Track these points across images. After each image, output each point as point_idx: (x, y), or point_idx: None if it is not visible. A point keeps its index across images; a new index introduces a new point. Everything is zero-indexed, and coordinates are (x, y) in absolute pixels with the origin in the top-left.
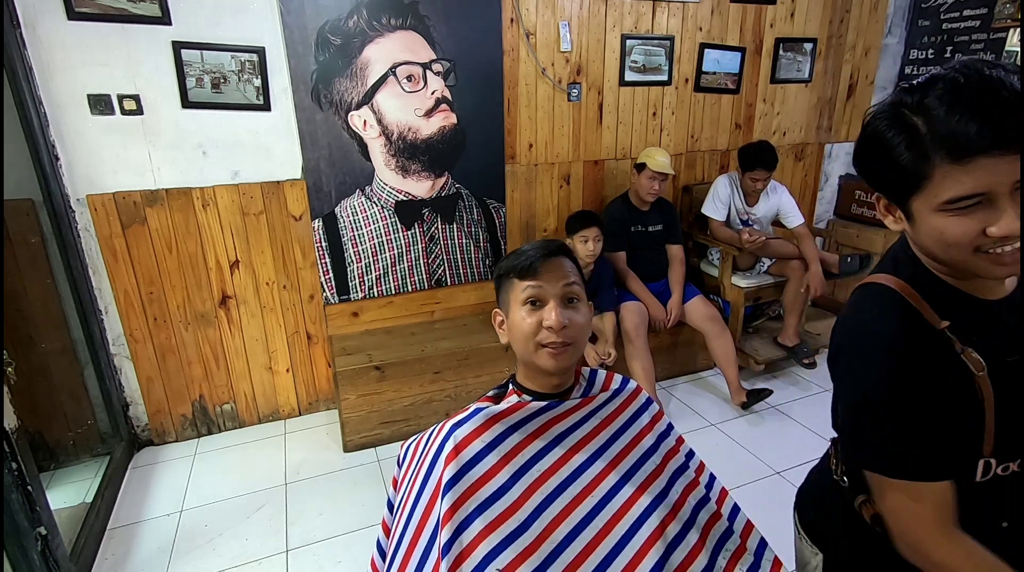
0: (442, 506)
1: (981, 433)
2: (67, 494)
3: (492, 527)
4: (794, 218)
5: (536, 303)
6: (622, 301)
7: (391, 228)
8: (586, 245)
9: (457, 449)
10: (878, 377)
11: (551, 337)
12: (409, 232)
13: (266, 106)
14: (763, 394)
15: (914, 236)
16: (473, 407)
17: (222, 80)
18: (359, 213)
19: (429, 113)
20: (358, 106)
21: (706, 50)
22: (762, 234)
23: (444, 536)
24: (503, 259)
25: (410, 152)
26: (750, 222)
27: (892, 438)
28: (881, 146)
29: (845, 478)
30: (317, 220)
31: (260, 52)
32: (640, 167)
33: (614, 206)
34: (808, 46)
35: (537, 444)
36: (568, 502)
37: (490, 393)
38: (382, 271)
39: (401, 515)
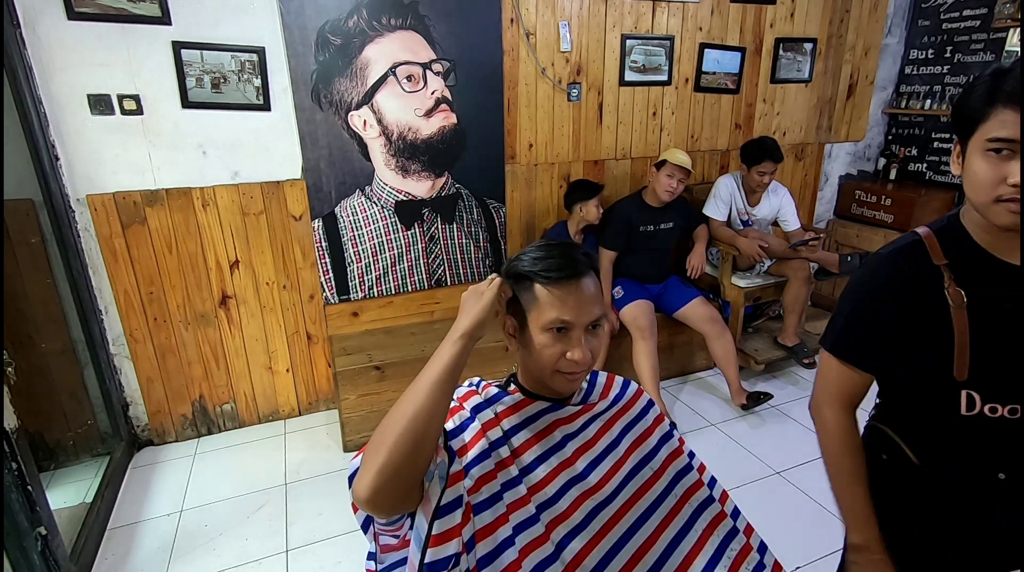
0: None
1: (951, 360)
2: (67, 494)
3: (505, 517)
4: (792, 222)
5: (561, 330)
6: (629, 300)
7: (391, 228)
8: (599, 209)
9: (484, 429)
10: (860, 278)
11: (572, 368)
12: (409, 232)
13: (266, 106)
14: (763, 398)
15: (965, 186)
16: (485, 392)
17: (222, 80)
18: (359, 213)
19: (429, 113)
20: (358, 106)
21: (706, 50)
22: (766, 237)
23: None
24: (517, 259)
25: (410, 152)
26: (750, 222)
27: (843, 322)
28: (967, 91)
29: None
30: (317, 220)
31: (260, 52)
32: (660, 165)
33: (625, 203)
34: (808, 46)
35: (546, 443)
36: (569, 504)
37: (493, 385)
38: (382, 271)
39: None
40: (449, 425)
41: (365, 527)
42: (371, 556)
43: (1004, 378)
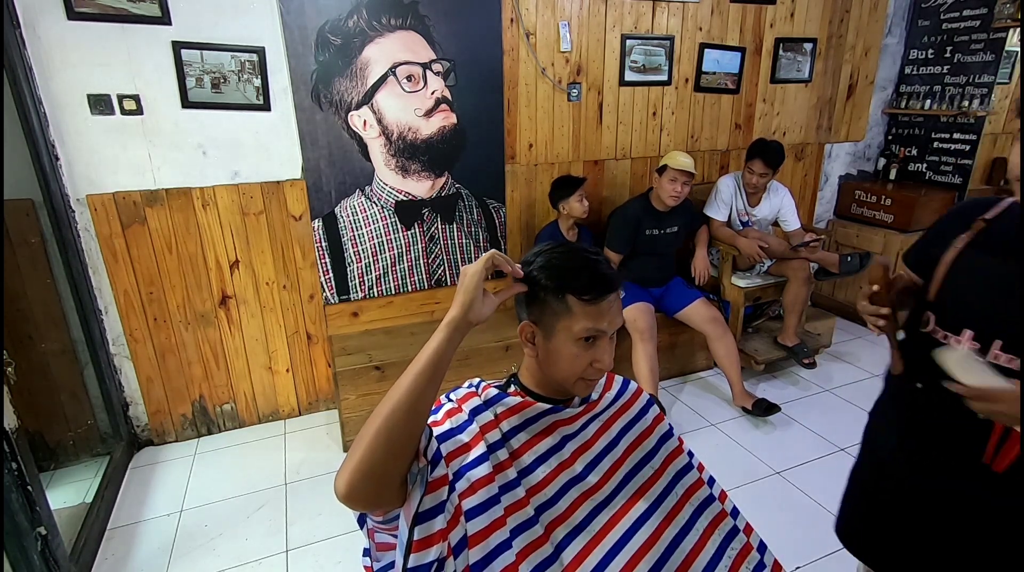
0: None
1: (927, 287)
2: (67, 494)
3: (502, 520)
4: (792, 222)
5: (589, 339)
6: (629, 302)
7: (391, 228)
8: (582, 203)
9: (482, 432)
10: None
11: (598, 375)
12: (409, 232)
13: (266, 106)
14: (772, 410)
15: None
16: (484, 393)
17: (222, 80)
18: (359, 213)
19: (429, 113)
20: (358, 106)
21: (706, 50)
22: (766, 237)
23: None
24: (537, 269)
25: (410, 152)
26: (750, 222)
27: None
28: None
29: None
30: (317, 220)
31: (260, 52)
32: (661, 170)
33: (633, 205)
34: (808, 46)
35: (545, 444)
36: (569, 505)
37: (493, 386)
38: (382, 271)
39: None
40: (446, 426)
41: (361, 523)
42: (366, 552)
43: (956, 316)
